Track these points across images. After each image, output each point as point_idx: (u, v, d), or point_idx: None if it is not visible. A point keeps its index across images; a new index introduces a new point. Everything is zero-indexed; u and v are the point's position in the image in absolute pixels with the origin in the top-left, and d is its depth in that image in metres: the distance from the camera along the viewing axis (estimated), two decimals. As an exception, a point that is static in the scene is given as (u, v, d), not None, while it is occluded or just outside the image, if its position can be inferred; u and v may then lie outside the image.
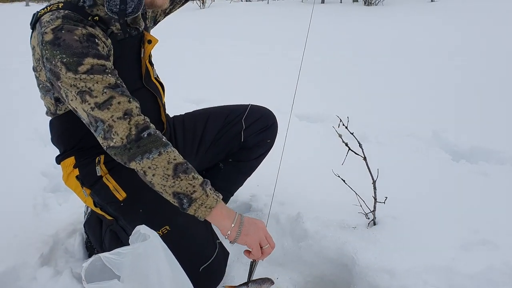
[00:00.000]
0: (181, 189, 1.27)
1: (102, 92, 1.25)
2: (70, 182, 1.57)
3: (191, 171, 1.30)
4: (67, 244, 1.83)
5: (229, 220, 1.31)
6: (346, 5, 15.60)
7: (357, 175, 1.83)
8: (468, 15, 11.08)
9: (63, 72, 1.24)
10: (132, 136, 1.25)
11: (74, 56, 1.23)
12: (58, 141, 1.57)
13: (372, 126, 3.20)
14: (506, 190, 2.15)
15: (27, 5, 33.99)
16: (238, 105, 1.86)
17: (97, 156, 1.51)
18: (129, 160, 1.27)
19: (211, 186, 1.33)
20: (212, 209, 1.29)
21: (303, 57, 1.72)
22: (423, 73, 5.47)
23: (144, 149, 1.25)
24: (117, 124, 1.25)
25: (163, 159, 1.26)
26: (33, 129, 3.14)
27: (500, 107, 3.81)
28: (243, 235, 1.32)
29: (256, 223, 1.36)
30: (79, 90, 1.24)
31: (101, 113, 1.25)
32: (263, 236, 1.35)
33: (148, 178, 1.28)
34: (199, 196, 1.28)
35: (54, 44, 1.24)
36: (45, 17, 1.29)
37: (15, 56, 7.27)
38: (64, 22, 1.27)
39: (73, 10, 1.31)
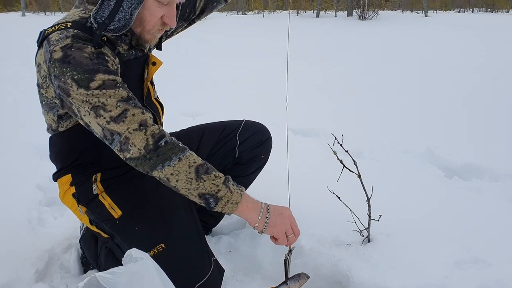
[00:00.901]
0: (205, 190, 1.31)
1: (116, 105, 1.28)
2: (67, 200, 1.58)
3: (212, 170, 1.34)
4: (63, 260, 1.82)
5: (255, 213, 1.37)
6: (340, 19, 15.79)
7: (352, 192, 1.84)
8: (461, 30, 11.22)
9: (73, 88, 1.27)
10: (150, 146, 1.29)
11: (85, 73, 1.26)
12: (57, 158, 1.57)
13: (366, 141, 3.23)
14: (499, 207, 2.17)
15: (23, 15, 33.98)
16: (232, 121, 1.88)
17: (94, 174, 1.52)
18: (151, 169, 1.31)
19: (233, 181, 1.37)
20: (238, 204, 1.34)
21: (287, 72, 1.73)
22: (417, 89, 5.53)
23: (164, 157, 1.29)
24: (133, 135, 1.28)
25: (184, 164, 1.30)
26: (29, 143, 3.14)
27: (493, 124, 3.86)
28: (270, 226, 1.38)
29: (282, 212, 1.41)
30: (92, 106, 1.27)
31: (117, 126, 1.28)
32: (289, 226, 1.40)
33: (172, 184, 1.32)
34: (224, 194, 1.32)
35: (64, 62, 1.26)
36: (53, 35, 1.32)
37: (12, 68, 7.27)
38: (74, 41, 1.30)
39: (81, 30, 1.33)
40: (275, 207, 1.42)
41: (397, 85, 5.73)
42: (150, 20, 1.41)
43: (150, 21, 1.41)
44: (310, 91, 5.22)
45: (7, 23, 17.49)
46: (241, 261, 1.83)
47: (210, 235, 2.00)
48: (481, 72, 6.70)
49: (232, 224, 2.09)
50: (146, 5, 1.36)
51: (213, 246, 1.81)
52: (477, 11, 44.72)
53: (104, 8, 1.32)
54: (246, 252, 1.87)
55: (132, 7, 1.33)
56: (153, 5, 1.37)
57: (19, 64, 7.59)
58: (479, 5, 49.92)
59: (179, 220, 1.52)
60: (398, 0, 45.66)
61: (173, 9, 1.43)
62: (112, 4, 1.32)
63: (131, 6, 1.33)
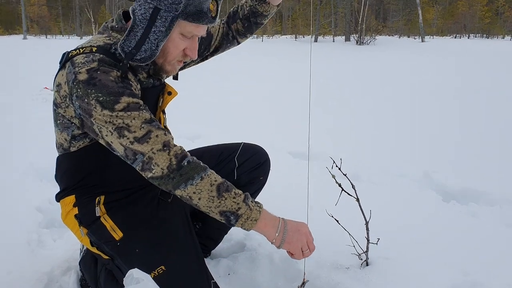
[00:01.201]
0: (226, 207, 1.37)
1: (140, 127, 1.33)
2: (68, 221, 1.59)
3: (232, 187, 1.39)
4: (62, 282, 1.82)
5: (273, 229, 1.42)
6: (338, 44, 15.98)
7: (350, 215, 1.86)
8: (458, 56, 11.36)
9: (97, 110, 1.31)
10: (174, 166, 1.34)
11: (110, 95, 1.31)
12: (62, 178, 1.59)
13: (364, 165, 3.25)
14: (496, 232, 2.19)
15: (24, 38, 34.31)
16: (231, 144, 1.91)
17: (97, 196, 1.54)
18: (174, 188, 1.35)
19: (252, 198, 1.42)
20: (257, 221, 1.40)
21: (309, 102, 1.77)
22: (415, 113, 5.58)
23: (187, 177, 1.34)
24: (157, 155, 1.33)
25: (206, 183, 1.35)
26: (29, 164, 3.15)
27: (490, 149, 3.90)
28: (287, 243, 1.44)
29: (300, 229, 1.47)
30: (116, 126, 1.32)
31: (141, 146, 1.33)
32: (305, 242, 1.46)
33: (195, 202, 1.36)
34: (244, 212, 1.38)
35: (89, 84, 1.31)
36: (78, 58, 1.36)
37: (12, 89, 7.33)
38: (100, 64, 1.35)
39: (106, 55, 1.38)
40: (293, 223, 1.47)
41: (395, 109, 5.79)
42: (173, 52, 1.46)
43: (173, 52, 1.46)
44: (307, 114, 5.26)
45: (10, 46, 17.66)
46: (240, 284, 1.84)
47: (209, 257, 2.00)
48: (478, 97, 6.77)
49: (230, 247, 2.10)
50: (170, 37, 1.42)
51: (212, 269, 1.81)
52: (473, 37, 45.30)
53: (131, 38, 1.38)
54: (245, 275, 1.87)
55: (158, 39, 1.39)
56: (177, 38, 1.43)
57: (22, 86, 7.66)
58: (475, 31, 50.61)
59: (179, 243, 1.53)
60: (395, 26, 46.31)
61: (195, 42, 1.49)
62: (138, 35, 1.37)
63: (157, 38, 1.38)
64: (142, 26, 1.37)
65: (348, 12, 30.21)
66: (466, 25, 51.55)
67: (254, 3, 1.75)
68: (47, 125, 4.38)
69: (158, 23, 1.37)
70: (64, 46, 22.99)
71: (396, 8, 53.48)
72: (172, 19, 1.36)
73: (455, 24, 53.60)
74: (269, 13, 1.77)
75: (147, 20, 1.36)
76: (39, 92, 7.09)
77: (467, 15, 51.76)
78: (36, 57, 15.49)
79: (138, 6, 1.37)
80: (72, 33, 56.33)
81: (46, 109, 5.68)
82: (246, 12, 1.78)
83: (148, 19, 1.36)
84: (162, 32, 1.38)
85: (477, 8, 52.24)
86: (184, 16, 1.37)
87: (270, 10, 1.76)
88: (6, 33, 55.78)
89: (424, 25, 34.60)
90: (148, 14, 1.36)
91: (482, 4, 52.98)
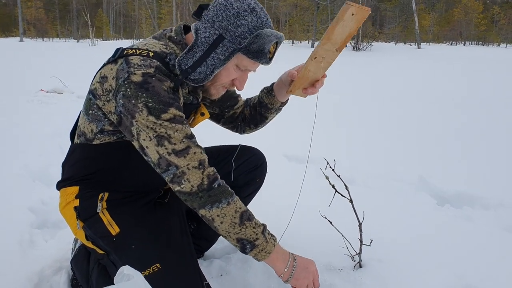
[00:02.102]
0: (245, 236, 1.41)
1: (181, 140, 1.35)
2: (66, 211, 1.58)
3: (253, 217, 1.44)
4: (52, 282, 1.80)
5: (283, 264, 1.48)
6: (335, 50, 15.94)
7: (344, 217, 1.86)
8: (454, 63, 11.43)
9: (143, 114, 1.32)
10: (204, 186, 1.36)
11: (160, 104, 1.33)
12: (72, 166, 1.58)
13: (359, 169, 3.25)
14: (490, 236, 2.19)
15: (21, 41, 34.29)
16: (228, 146, 1.91)
17: (102, 193, 1.54)
18: (199, 207, 1.38)
19: (268, 230, 1.47)
20: (270, 254, 1.45)
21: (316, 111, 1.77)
22: (410, 118, 5.59)
23: (215, 199, 1.37)
24: (191, 172, 1.35)
25: (231, 208, 1.39)
26: (23, 165, 3.13)
27: (485, 154, 3.91)
28: (294, 279, 1.50)
29: (308, 267, 1.53)
30: (157, 134, 1.33)
31: (178, 159, 1.34)
32: (311, 280, 1.52)
33: (215, 224, 1.39)
34: (261, 243, 1.43)
35: (142, 87, 1.32)
36: (134, 59, 1.37)
37: (7, 91, 7.31)
38: (156, 72, 1.36)
39: (162, 63, 1.40)
40: (301, 260, 1.53)
41: (390, 114, 5.80)
42: (223, 79, 1.49)
43: (223, 80, 1.49)
44: (304, 118, 5.26)
45: (6, 48, 17.63)
46: (233, 285, 1.82)
47: (201, 258, 1.99)
48: (474, 102, 6.80)
49: (223, 248, 2.09)
50: (226, 66, 1.44)
51: (204, 270, 1.80)
52: (469, 44, 45.57)
53: (189, 57, 1.40)
54: (237, 276, 1.86)
55: (215, 66, 1.41)
56: (231, 68, 1.45)
57: (16, 89, 7.64)
58: (471, 39, 50.92)
59: (175, 242, 1.53)
60: (391, 32, 46.53)
61: (246, 75, 1.52)
62: (197, 56, 1.40)
63: (214, 64, 1.41)
64: (202, 48, 1.40)
65: (345, 18, 30.24)
66: (462, 32, 51.89)
67: (262, 94, 1.79)
68: (42, 126, 4.39)
69: (218, 50, 1.40)
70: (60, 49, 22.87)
71: (393, 15, 53.73)
72: (233, 50, 1.40)
73: (451, 31, 53.95)
74: (273, 107, 1.79)
75: (208, 44, 1.40)
76: (34, 94, 7.08)
77: (463, 22, 52.12)
78: (32, 60, 15.46)
79: (203, 28, 1.40)
80: (69, 36, 56.30)
81: (42, 111, 5.69)
82: (255, 101, 1.83)
83: (210, 43, 1.39)
84: (220, 60, 1.41)
85: (473, 16, 52.60)
86: (245, 52, 1.40)
87: (274, 104, 1.78)
88: (3, 35, 55.71)
89: (420, 32, 34.79)
90: (211, 39, 1.39)
91: (478, 12, 53.35)
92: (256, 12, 1.39)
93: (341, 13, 1.31)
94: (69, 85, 7.68)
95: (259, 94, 1.81)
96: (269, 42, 1.39)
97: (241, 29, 1.37)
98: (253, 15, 1.38)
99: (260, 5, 1.43)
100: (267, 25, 1.40)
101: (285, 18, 51.36)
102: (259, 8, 1.41)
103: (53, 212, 2.41)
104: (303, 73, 1.55)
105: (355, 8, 1.29)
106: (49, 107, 6.09)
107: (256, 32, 1.37)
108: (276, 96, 1.74)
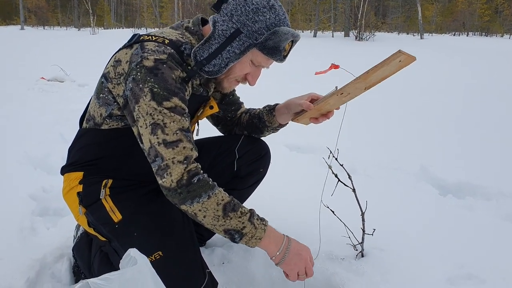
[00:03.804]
0: (231, 226, 1.38)
1: (175, 132, 1.34)
2: (69, 197, 1.58)
3: (238, 207, 1.40)
4: (54, 269, 1.80)
5: (276, 247, 1.44)
6: (337, 39, 15.97)
7: (346, 207, 1.85)
8: (456, 53, 11.39)
9: (146, 98, 1.32)
10: (184, 181, 1.34)
11: (165, 91, 1.33)
12: (78, 151, 1.58)
13: (361, 159, 3.24)
14: (492, 225, 2.19)
15: (22, 29, 34.19)
16: (232, 136, 1.90)
17: (106, 179, 1.54)
18: (180, 203, 1.36)
19: (257, 215, 1.43)
20: (261, 239, 1.42)
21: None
22: (412, 108, 5.57)
23: (194, 194, 1.35)
24: (174, 166, 1.33)
25: (212, 202, 1.36)
26: (23, 153, 3.13)
27: (488, 144, 3.89)
28: (285, 263, 1.45)
29: (301, 253, 1.47)
30: (154, 121, 1.33)
31: (165, 151, 1.33)
32: (302, 267, 1.47)
33: (199, 219, 1.38)
34: (249, 231, 1.40)
35: (151, 72, 1.33)
36: (149, 44, 1.38)
37: (8, 79, 7.29)
38: (169, 59, 1.37)
39: (177, 52, 1.40)
40: (296, 245, 1.48)
41: (392, 103, 5.78)
42: (237, 73, 1.49)
43: (237, 73, 1.49)
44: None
45: (7, 36, 17.56)
46: (234, 273, 1.83)
47: (203, 246, 1.99)
48: (476, 92, 6.77)
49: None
50: (240, 60, 1.44)
51: (206, 258, 1.80)
52: (472, 35, 45.33)
53: (205, 48, 1.40)
54: (239, 264, 1.86)
55: (230, 59, 1.41)
56: (246, 62, 1.46)
57: (17, 77, 7.62)
58: (474, 29, 50.64)
59: (178, 230, 1.53)
60: (394, 22, 46.28)
61: (259, 71, 1.52)
62: (213, 48, 1.40)
63: (229, 58, 1.41)
64: (219, 41, 1.40)
65: (348, 8, 30.13)
66: (465, 23, 51.56)
67: (264, 110, 1.79)
68: (43, 114, 4.38)
69: (235, 44, 1.40)
70: (61, 37, 22.75)
71: (396, 5, 53.42)
72: (249, 45, 1.40)
73: (454, 22, 53.60)
74: (270, 126, 1.79)
75: (225, 37, 1.40)
76: (35, 82, 7.06)
77: (466, 13, 51.74)
78: (33, 48, 15.41)
79: (221, 21, 1.40)
80: (70, 24, 56.05)
81: (42, 99, 5.69)
82: (256, 113, 1.82)
83: (227, 36, 1.39)
84: (235, 53, 1.41)
85: (477, 6, 52.22)
86: (261, 47, 1.40)
87: (272, 124, 1.78)
88: (4, 23, 55.50)
89: (423, 22, 34.59)
90: (228, 32, 1.39)
91: (482, 2, 52.96)
92: (275, 9, 1.39)
93: (389, 59, 1.30)
94: (70, 74, 7.66)
95: (261, 109, 1.81)
96: (285, 40, 1.39)
97: (259, 25, 1.37)
98: (272, 12, 1.38)
99: (279, 3, 1.43)
100: (284, 23, 1.40)
101: (288, 7, 51.09)
102: (278, 6, 1.41)
103: (54, 200, 2.42)
104: (321, 106, 1.56)
105: (405, 57, 1.29)
106: (49, 95, 6.08)
107: (273, 29, 1.37)
108: (276, 117, 1.75)
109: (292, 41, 1.44)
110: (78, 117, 1.67)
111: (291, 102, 1.68)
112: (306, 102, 1.60)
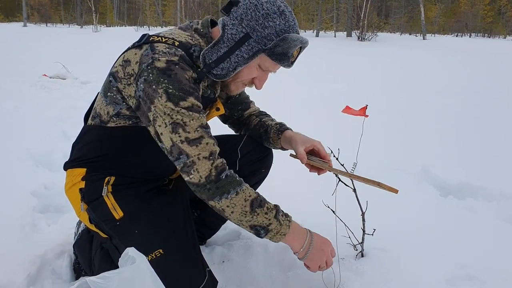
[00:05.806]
0: (258, 222, 1.41)
1: (195, 129, 1.35)
2: (71, 193, 1.59)
3: (265, 203, 1.43)
4: (55, 265, 1.81)
5: (299, 243, 1.49)
6: (340, 39, 15.97)
7: (346, 206, 1.85)
8: (458, 54, 11.37)
9: (162, 99, 1.33)
10: (212, 177, 1.36)
11: (180, 91, 1.34)
12: (82, 147, 1.58)
13: (362, 159, 3.23)
14: (492, 227, 2.19)
15: (24, 26, 34.22)
16: (235, 135, 1.90)
17: (108, 176, 1.54)
18: (208, 199, 1.38)
19: (282, 211, 1.47)
20: (285, 235, 1.45)
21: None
22: (413, 108, 5.57)
23: (223, 190, 1.37)
24: (201, 162, 1.35)
25: (240, 198, 1.38)
26: (25, 149, 3.14)
27: (489, 145, 3.89)
28: (309, 259, 1.50)
29: (323, 248, 1.53)
30: (173, 121, 1.33)
31: (189, 148, 1.35)
32: (324, 261, 1.53)
33: (227, 214, 1.39)
34: (274, 227, 1.43)
35: (164, 73, 1.33)
36: (160, 46, 1.38)
37: (10, 76, 7.30)
38: (180, 61, 1.37)
39: (187, 54, 1.41)
40: (318, 240, 1.53)
41: (394, 104, 5.78)
42: (244, 76, 1.50)
43: (244, 77, 1.50)
44: (309, 107, 5.25)
45: (10, 33, 17.57)
46: (234, 272, 1.83)
47: (204, 245, 1.99)
48: (478, 93, 6.76)
49: (226, 235, 2.09)
50: (248, 65, 1.44)
51: (206, 256, 1.80)
52: (474, 36, 45.24)
53: (214, 51, 1.41)
54: (239, 263, 1.86)
55: (238, 64, 1.42)
56: (254, 67, 1.46)
57: (19, 74, 7.63)
58: (477, 30, 50.54)
59: (178, 228, 1.54)
60: (397, 23, 46.23)
61: (267, 75, 1.53)
62: (221, 52, 1.41)
63: (237, 62, 1.42)
64: (228, 44, 1.41)
65: (350, 8, 30.11)
66: (468, 24, 51.49)
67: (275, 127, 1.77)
68: (45, 111, 4.39)
69: (243, 48, 1.40)
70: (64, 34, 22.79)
71: (398, 5, 53.35)
72: (257, 50, 1.40)
73: (457, 23, 53.54)
74: (273, 144, 1.79)
75: (234, 42, 1.40)
76: (37, 79, 7.06)
77: (469, 14, 51.67)
78: (35, 45, 15.42)
79: (231, 24, 1.41)
80: (73, 22, 56.08)
81: (44, 96, 5.69)
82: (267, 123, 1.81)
83: (236, 41, 1.40)
84: (244, 58, 1.41)
85: (480, 7, 52.14)
86: (269, 53, 1.41)
87: (274, 143, 1.78)
88: (6, 20, 55.54)
89: (426, 23, 34.57)
90: (238, 37, 1.40)
91: (485, 3, 52.89)
92: (285, 16, 1.40)
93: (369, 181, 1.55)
94: (72, 71, 7.66)
95: (273, 124, 1.80)
96: (294, 46, 1.40)
97: (268, 31, 1.38)
98: (282, 18, 1.39)
99: (289, 9, 1.43)
100: (294, 30, 1.41)
101: (290, 7, 51.00)
102: (288, 12, 1.41)
103: (55, 197, 2.42)
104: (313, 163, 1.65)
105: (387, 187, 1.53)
106: (52, 93, 6.09)
107: (283, 35, 1.38)
108: (281, 140, 1.75)
109: (301, 47, 1.44)
110: (80, 114, 1.67)
111: (295, 141, 1.68)
112: (302, 154, 1.63)
